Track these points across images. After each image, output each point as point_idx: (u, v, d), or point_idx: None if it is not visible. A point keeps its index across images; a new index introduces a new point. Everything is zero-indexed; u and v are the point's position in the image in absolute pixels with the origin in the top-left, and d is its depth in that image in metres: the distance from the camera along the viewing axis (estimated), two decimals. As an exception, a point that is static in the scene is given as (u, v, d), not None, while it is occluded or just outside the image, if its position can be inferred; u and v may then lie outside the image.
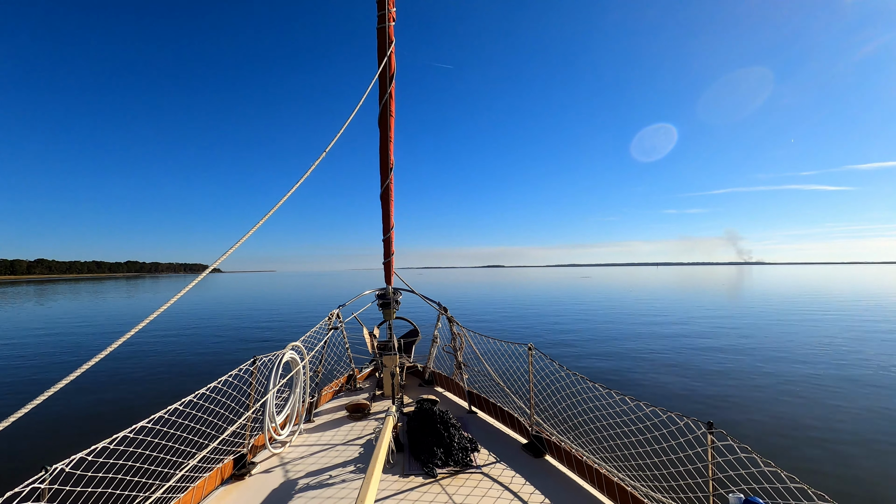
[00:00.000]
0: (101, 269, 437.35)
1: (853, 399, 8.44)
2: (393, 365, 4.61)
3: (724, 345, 13.95)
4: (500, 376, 4.44)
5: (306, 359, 3.95)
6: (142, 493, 2.35)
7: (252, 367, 3.30)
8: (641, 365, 11.29)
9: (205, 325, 20.49)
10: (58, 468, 1.81)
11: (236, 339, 16.42)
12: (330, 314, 4.86)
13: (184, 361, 12.44)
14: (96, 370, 10.55)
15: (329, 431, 3.99)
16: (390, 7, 4.18)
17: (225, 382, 3.01)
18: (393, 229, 5.28)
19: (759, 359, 11.90)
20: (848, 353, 12.65)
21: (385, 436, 2.65)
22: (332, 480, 3.06)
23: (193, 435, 2.87)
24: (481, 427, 4.02)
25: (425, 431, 3.52)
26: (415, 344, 5.92)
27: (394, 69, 4.37)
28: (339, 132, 3.33)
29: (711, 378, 9.95)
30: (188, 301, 35.24)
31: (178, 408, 2.43)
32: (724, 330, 17.07)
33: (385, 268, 5.51)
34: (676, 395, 8.72)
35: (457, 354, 4.86)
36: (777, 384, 9.44)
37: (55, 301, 39.70)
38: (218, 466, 3.05)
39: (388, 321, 5.55)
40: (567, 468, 3.18)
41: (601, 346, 14.01)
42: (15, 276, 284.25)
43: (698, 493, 2.78)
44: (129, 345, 13.85)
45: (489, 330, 16.62)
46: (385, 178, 4.89)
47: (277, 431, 3.46)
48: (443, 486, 2.95)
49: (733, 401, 8.34)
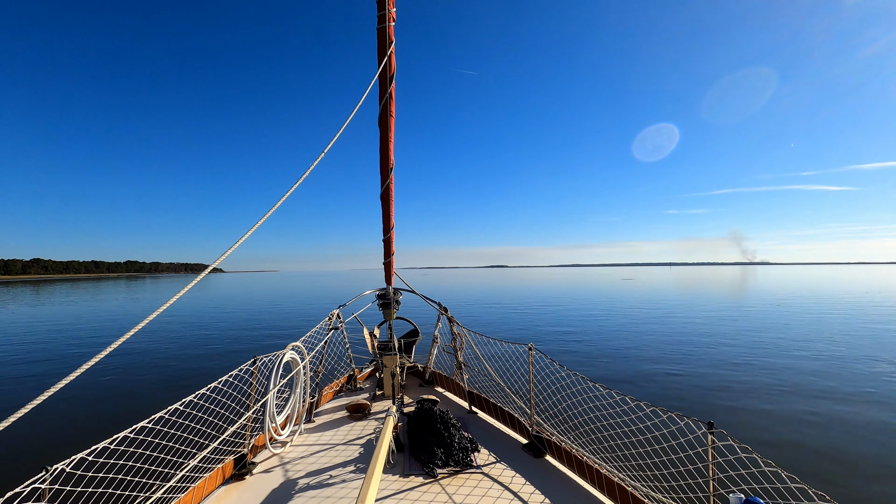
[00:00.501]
0: (100, 269, 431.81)
1: (853, 399, 8.45)
2: (393, 365, 4.61)
3: (736, 343, 13.95)
4: (501, 376, 4.44)
5: (307, 359, 3.95)
6: (142, 493, 2.35)
7: (252, 368, 3.30)
8: (684, 367, 11.27)
9: (205, 324, 20.49)
10: (58, 468, 1.81)
11: (236, 339, 16.42)
12: (330, 314, 4.86)
13: (184, 361, 12.44)
14: (97, 370, 10.56)
15: (329, 431, 3.99)
16: (390, 7, 4.19)
17: (225, 382, 3.02)
18: (393, 229, 5.28)
19: (767, 358, 11.91)
20: (855, 352, 12.65)
21: (385, 436, 2.65)
22: (333, 480, 3.06)
23: (194, 435, 2.87)
24: (482, 427, 4.02)
25: (426, 431, 3.52)
26: (415, 344, 5.92)
27: (394, 69, 4.38)
28: (339, 132, 3.34)
29: (711, 378, 9.95)
30: (189, 301, 35.25)
31: (178, 408, 2.43)
32: (730, 329, 17.08)
33: (385, 268, 5.52)
34: (678, 396, 8.72)
35: (457, 354, 4.86)
36: (775, 384, 9.45)
37: (48, 301, 39.44)
38: (218, 466, 3.05)
39: (389, 321, 5.55)
40: (567, 468, 3.18)
41: (653, 352, 12.85)
42: (9, 277, 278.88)
43: (699, 494, 2.78)
44: (130, 345, 13.86)
45: (509, 336, 15.81)
46: (385, 179, 4.89)
47: (278, 431, 3.47)
48: (443, 486, 2.95)
49: (733, 401, 8.35)
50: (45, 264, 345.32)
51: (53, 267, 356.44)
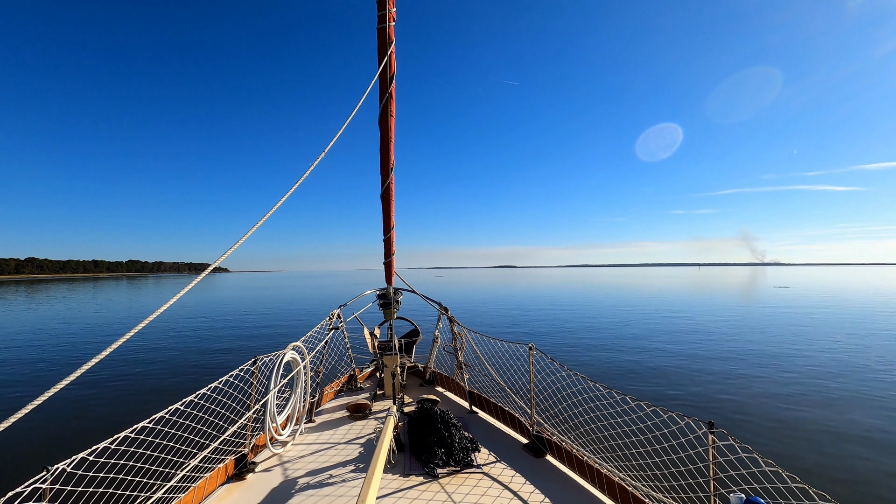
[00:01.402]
0: (100, 269, 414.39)
1: (855, 398, 8.44)
2: (394, 365, 4.61)
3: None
4: (501, 376, 4.44)
5: (307, 359, 3.95)
6: (143, 493, 2.35)
7: (253, 368, 3.31)
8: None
9: (205, 324, 20.49)
10: (59, 468, 1.81)
11: (237, 339, 16.42)
12: (331, 314, 4.87)
13: (184, 361, 12.44)
14: (97, 370, 10.56)
15: (330, 431, 4.00)
16: (390, 7, 4.19)
17: (226, 382, 3.02)
18: (393, 229, 5.28)
19: (778, 360, 11.89)
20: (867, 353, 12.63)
21: (386, 436, 2.65)
22: (333, 480, 3.06)
23: (194, 435, 2.87)
24: (482, 427, 4.02)
25: (426, 431, 3.52)
26: (415, 344, 5.92)
27: (394, 69, 4.37)
28: (339, 132, 3.33)
29: (713, 377, 9.95)
30: (190, 301, 35.24)
31: (179, 408, 2.43)
32: (736, 330, 17.05)
33: (385, 268, 5.52)
34: (680, 396, 8.72)
35: (457, 354, 4.86)
36: (777, 383, 9.44)
37: (40, 302, 38.72)
38: (219, 466, 3.06)
39: (389, 321, 5.55)
40: (568, 468, 3.18)
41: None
42: (1, 276, 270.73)
43: (699, 493, 2.78)
44: (130, 345, 13.87)
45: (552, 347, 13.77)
46: (385, 179, 4.89)
47: (278, 431, 3.47)
48: (444, 486, 2.95)
49: (733, 400, 8.34)
50: (40, 263, 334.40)
51: (49, 266, 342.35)
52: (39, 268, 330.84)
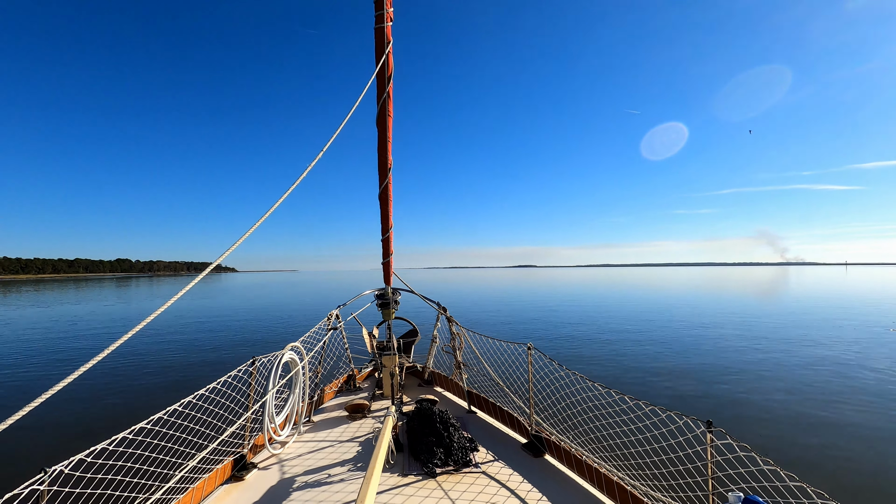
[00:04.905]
0: (75, 269, 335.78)
1: (854, 399, 8.47)
2: (392, 365, 4.61)
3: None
4: (500, 376, 4.44)
5: (305, 359, 3.95)
6: (141, 495, 2.35)
7: (251, 368, 3.30)
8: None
9: (205, 325, 20.44)
10: (57, 469, 1.81)
11: (235, 339, 16.39)
12: (329, 314, 4.86)
13: (183, 362, 12.41)
14: (96, 371, 10.53)
15: (329, 431, 3.99)
16: (388, 7, 4.18)
17: (224, 383, 3.02)
18: (392, 229, 5.28)
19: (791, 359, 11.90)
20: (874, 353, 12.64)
21: (385, 436, 2.65)
22: (332, 480, 3.06)
23: (193, 436, 2.87)
24: (481, 427, 4.02)
25: (425, 431, 3.52)
26: (414, 344, 5.92)
27: (392, 69, 4.37)
28: (336, 132, 3.33)
29: (713, 378, 9.97)
30: (192, 301, 35.05)
31: (177, 409, 2.43)
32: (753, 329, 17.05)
33: (384, 268, 5.52)
34: (681, 396, 8.73)
35: (456, 354, 4.87)
36: (777, 384, 9.47)
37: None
38: (217, 467, 3.05)
39: (388, 321, 5.55)
40: (567, 467, 3.19)
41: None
42: None
43: (698, 492, 2.78)
44: (129, 346, 13.83)
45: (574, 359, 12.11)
46: (384, 178, 4.89)
47: (277, 432, 3.47)
48: (442, 486, 2.95)
49: (734, 400, 8.36)
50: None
51: (9, 266, 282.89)
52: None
